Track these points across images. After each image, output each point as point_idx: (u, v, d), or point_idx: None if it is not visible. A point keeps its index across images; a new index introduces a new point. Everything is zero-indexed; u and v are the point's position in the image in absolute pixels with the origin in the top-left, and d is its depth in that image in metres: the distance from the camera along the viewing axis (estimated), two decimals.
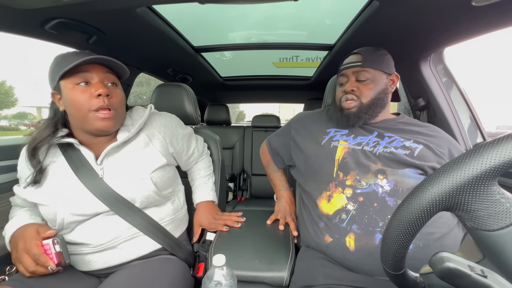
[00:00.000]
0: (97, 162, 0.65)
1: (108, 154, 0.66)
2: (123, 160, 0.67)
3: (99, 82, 0.60)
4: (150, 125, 0.73)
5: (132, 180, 0.65)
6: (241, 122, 5.60)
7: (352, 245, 0.60)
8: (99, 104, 0.59)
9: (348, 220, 0.63)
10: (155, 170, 0.68)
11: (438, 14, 0.70)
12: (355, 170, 0.67)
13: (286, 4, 0.86)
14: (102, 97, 0.59)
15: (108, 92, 0.60)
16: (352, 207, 0.63)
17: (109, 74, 0.63)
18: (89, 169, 0.63)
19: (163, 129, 0.74)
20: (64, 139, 0.62)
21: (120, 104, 0.65)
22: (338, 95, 0.78)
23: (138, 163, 0.67)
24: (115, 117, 0.63)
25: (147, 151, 0.70)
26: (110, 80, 0.63)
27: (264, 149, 1.01)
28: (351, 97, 0.74)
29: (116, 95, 0.63)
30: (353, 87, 0.73)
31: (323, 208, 0.69)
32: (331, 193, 0.68)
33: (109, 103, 0.60)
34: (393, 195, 0.62)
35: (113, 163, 0.66)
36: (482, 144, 0.26)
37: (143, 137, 0.70)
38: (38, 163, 0.61)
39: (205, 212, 0.85)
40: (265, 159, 1.02)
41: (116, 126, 0.65)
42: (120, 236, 0.65)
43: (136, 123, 0.70)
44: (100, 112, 0.60)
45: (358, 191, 0.65)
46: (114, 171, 0.65)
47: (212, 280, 0.48)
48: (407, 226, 0.30)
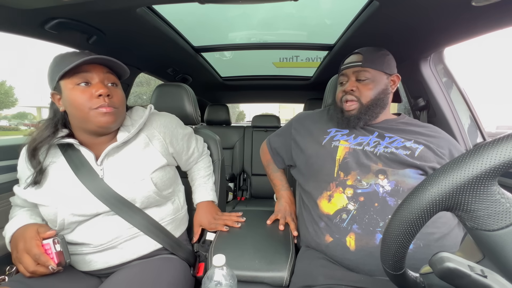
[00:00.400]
0: (97, 162, 0.65)
1: (108, 154, 0.66)
2: (123, 160, 0.67)
3: (99, 82, 0.60)
4: (150, 125, 0.73)
5: (132, 180, 0.65)
6: (241, 122, 5.60)
7: (352, 245, 0.60)
8: (99, 104, 0.59)
9: (349, 220, 0.63)
10: (155, 170, 0.68)
11: (438, 14, 0.70)
12: (356, 170, 0.67)
13: (286, 4, 0.86)
14: (103, 97, 0.59)
15: (108, 92, 0.60)
16: (353, 207, 0.63)
17: (109, 74, 0.63)
18: (89, 169, 0.63)
19: (163, 129, 0.74)
20: (64, 140, 0.62)
21: (121, 103, 0.65)
22: (338, 95, 0.79)
23: (138, 163, 0.67)
24: (116, 113, 0.63)
25: (147, 151, 0.70)
26: (110, 80, 0.63)
27: (264, 148, 1.01)
28: (351, 98, 0.74)
29: (116, 95, 0.63)
30: (352, 87, 0.73)
31: (323, 208, 0.69)
32: (331, 193, 0.68)
33: (110, 103, 0.60)
34: (394, 195, 0.62)
35: (113, 164, 0.66)
36: (482, 144, 0.26)
37: (143, 137, 0.70)
38: (38, 163, 0.61)
39: (205, 212, 0.85)
40: (265, 158, 1.02)
41: (116, 124, 0.65)
42: (120, 236, 0.65)
43: (136, 123, 0.70)
44: (101, 108, 0.59)
45: (359, 191, 0.65)
46: (114, 171, 0.65)
47: (212, 280, 0.48)
48: (407, 226, 0.30)
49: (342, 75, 0.78)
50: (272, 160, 0.98)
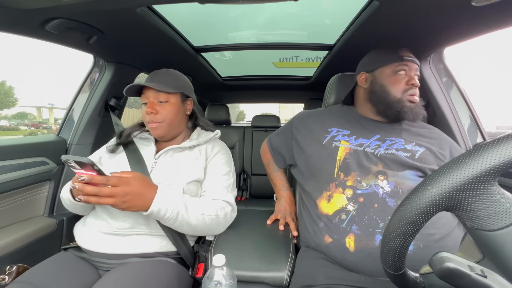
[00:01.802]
0: (155, 156, 0.79)
1: (166, 153, 0.80)
2: (174, 163, 0.78)
3: (150, 102, 0.78)
4: (208, 145, 0.85)
5: (168, 182, 0.73)
6: (241, 122, 5.59)
7: (352, 245, 0.60)
8: (148, 120, 0.78)
9: (348, 221, 0.63)
10: (191, 181, 0.76)
11: (438, 14, 0.70)
12: (356, 171, 0.67)
13: (286, 4, 0.86)
14: (149, 115, 0.77)
15: (152, 110, 0.76)
16: (352, 208, 0.63)
17: (158, 94, 0.77)
18: (140, 159, 0.78)
19: (212, 154, 0.84)
20: (144, 134, 0.87)
21: (165, 118, 0.78)
22: (400, 86, 0.72)
23: (183, 170, 0.77)
24: (162, 127, 0.79)
25: (195, 163, 0.80)
26: (159, 99, 0.78)
27: (265, 148, 1.01)
28: (417, 93, 0.73)
29: (162, 112, 0.78)
30: (417, 83, 0.73)
31: (322, 208, 0.69)
32: (331, 193, 0.68)
33: (154, 119, 0.77)
34: (393, 196, 0.62)
35: (166, 162, 0.78)
36: (482, 144, 0.26)
37: (197, 152, 0.82)
38: (127, 138, 0.84)
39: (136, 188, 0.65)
40: (265, 158, 1.01)
41: (165, 133, 0.81)
42: (134, 228, 0.70)
43: (200, 139, 0.84)
44: (149, 123, 0.78)
45: (359, 191, 0.64)
46: (163, 168, 0.77)
47: (212, 280, 0.48)
48: (407, 226, 0.30)
49: (403, 65, 0.73)
50: (273, 160, 0.97)
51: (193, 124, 0.91)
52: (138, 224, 0.70)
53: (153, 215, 0.63)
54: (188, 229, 0.69)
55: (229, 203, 0.78)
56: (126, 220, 0.70)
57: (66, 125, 1.16)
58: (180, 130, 0.85)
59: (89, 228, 0.72)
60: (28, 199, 0.97)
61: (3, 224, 0.88)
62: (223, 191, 0.79)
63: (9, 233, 0.85)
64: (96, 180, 0.56)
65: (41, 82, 53.70)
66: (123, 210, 0.60)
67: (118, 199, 0.57)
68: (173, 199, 0.65)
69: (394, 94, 0.72)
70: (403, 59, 0.73)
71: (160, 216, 0.63)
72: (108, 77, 1.16)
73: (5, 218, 0.89)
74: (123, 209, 0.60)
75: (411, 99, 0.72)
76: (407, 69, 0.73)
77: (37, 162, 0.97)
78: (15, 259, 0.83)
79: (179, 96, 0.82)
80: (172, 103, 0.79)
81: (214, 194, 0.77)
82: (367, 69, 0.80)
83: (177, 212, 0.65)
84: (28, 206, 0.97)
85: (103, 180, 0.56)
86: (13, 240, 0.83)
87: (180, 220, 0.65)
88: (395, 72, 0.73)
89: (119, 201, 0.57)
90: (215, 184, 0.79)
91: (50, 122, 29.55)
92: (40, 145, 1.01)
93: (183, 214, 0.66)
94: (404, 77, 0.73)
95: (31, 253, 0.89)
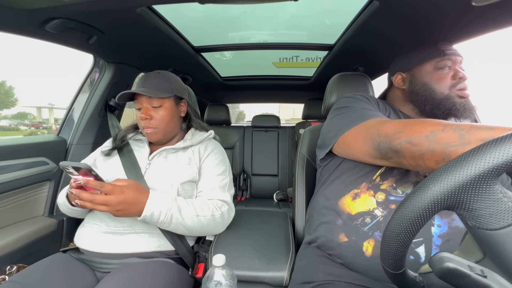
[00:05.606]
0: (149, 157, 0.79)
1: (160, 153, 0.79)
2: (167, 163, 0.78)
3: (143, 108, 0.77)
4: (202, 146, 0.85)
5: (163, 183, 0.73)
6: (241, 122, 5.59)
7: (369, 250, 0.56)
8: (143, 125, 0.78)
9: (372, 225, 0.58)
10: (185, 181, 0.75)
11: (438, 14, 0.70)
12: (395, 176, 0.61)
13: (286, 4, 0.86)
14: (144, 120, 0.77)
15: (147, 116, 0.76)
16: (381, 213, 0.58)
17: (151, 100, 0.77)
18: (134, 161, 0.78)
19: (205, 154, 0.83)
20: (138, 136, 0.86)
21: (159, 123, 0.78)
22: (446, 81, 0.65)
23: (177, 171, 0.76)
24: (158, 132, 0.78)
25: (189, 164, 0.79)
26: (152, 104, 0.77)
27: (416, 140, 0.61)
28: (466, 86, 0.65)
29: (156, 117, 0.77)
30: (466, 76, 0.65)
31: (344, 206, 0.64)
32: (359, 192, 0.63)
33: (148, 124, 0.77)
34: None
35: (159, 163, 0.78)
36: (484, 143, 0.26)
37: (191, 153, 0.82)
38: (121, 142, 0.83)
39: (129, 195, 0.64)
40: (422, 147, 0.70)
41: (161, 137, 0.80)
42: (132, 226, 0.70)
43: (194, 140, 0.84)
44: (144, 129, 0.78)
45: (392, 198, 0.59)
46: (156, 170, 0.77)
47: (212, 280, 0.48)
48: (408, 224, 0.29)
49: (448, 59, 0.66)
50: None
51: (187, 125, 0.90)
52: (136, 223, 0.70)
53: (147, 219, 0.64)
54: (185, 230, 0.69)
55: (225, 202, 0.78)
56: (124, 219, 0.70)
57: (66, 125, 1.16)
58: (175, 133, 0.85)
59: (87, 228, 0.72)
60: (28, 199, 0.97)
61: (3, 224, 0.88)
62: (218, 190, 0.78)
63: (9, 233, 0.85)
64: (91, 185, 0.57)
65: (41, 82, 53.28)
66: (117, 216, 0.63)
67: (112, 207, 0.58)
68: (166, 202, 0.66)
69: (440, 91, 0.65)
70: (445, 54, 0.65)
71: (154, 220, 0.64)
72: (108, 77, 1.16)
73: (5, 218, 0.89)
74: (117, 216, 0.61)
75: (461, 94, 0.64)
76: (451, 64, 0.65)
77: (37, 162, 0.97)
78: (15, 259, 0.83)
79: (173, 99, 0.81)
80: (166, 107, 0.78)
81: (209, 194, 0.77)
82: (403, 69, 0.72)
83: (170, 215, 0.65)
84: (28, 206, 0.97)
85: (97, 186, 0.57)
86: (13, 240, 0.83)
87: (175, 223, 0.66)
88: (438, 68, 0.66)
89: (113, 209, 0.59)
90: (210, 184, 0.79)
91: (50, 122, 29.54)
92: (40, 145, 1.01)
93: (177, 217, 0.66)
94: (448, 71, 0.65)
95: (31, 253, 0.89)
